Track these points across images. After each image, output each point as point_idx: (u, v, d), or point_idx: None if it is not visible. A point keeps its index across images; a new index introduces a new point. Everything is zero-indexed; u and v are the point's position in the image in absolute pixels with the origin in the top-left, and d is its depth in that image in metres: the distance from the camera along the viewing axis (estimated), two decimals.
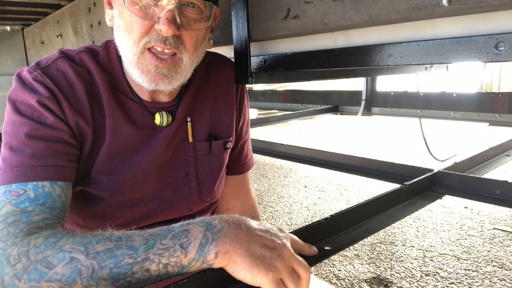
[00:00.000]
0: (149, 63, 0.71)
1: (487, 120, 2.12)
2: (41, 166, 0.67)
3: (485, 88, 9.28)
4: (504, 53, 0.59)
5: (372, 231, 0.88)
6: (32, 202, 0.64)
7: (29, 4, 2.29)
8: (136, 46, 0.71)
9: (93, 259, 0.56)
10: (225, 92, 0.93)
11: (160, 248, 0.57)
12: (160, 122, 0.82)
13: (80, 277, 0.55)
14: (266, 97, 3.40)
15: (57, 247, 0.57)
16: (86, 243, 0.58)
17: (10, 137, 0.68)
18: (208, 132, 0.90)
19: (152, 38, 0.70)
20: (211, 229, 0.59)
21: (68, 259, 0.56)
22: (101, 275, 0.56)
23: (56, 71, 0.73)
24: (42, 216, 0.64)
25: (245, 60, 0.91)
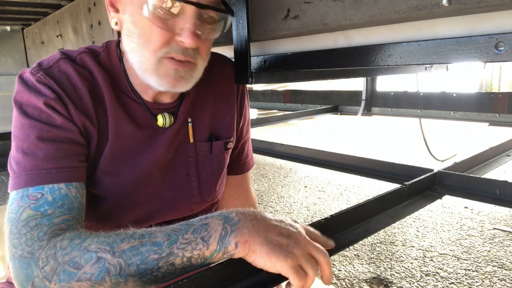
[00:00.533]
0: (168, 68, 0.71)
1: (487, 120, 2.12)
2: (55, 168, 0.68)
3: (485, 88, 9.28)
4: (504, 53, 0.59)
5: (372, 231, 0.88)
6: (51, 205, 0.66)
7: (29, 4, 2.29)
8: (154, 55, 0.70)
9: (119, 257, 0.58)
10: (225, 92, 0.93)
11: (182, 243, 0.59)
12: (163, 123, 0.82)
13: (108, 275, 0.58)
14: (266, 97, 3.40)
15: (83, 247, 0.59)
16: (111, 242, 0.60)
17: (21, 141, 0.68)
18: (209, 132, 0.90)
19: (172, 49, 0.70)
20: (229, 222, 0.61)
21: (95, 259, 0.58)
22: (128, 272, 0.58)
23: (58, 72, 0.73)
24: (63, 218, 0.66)
25: (245, 60, 0.91)
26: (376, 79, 2.61)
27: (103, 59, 0.80)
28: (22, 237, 0.62)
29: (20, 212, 0.64)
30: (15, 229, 0.63)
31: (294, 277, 0.59)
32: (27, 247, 0.61)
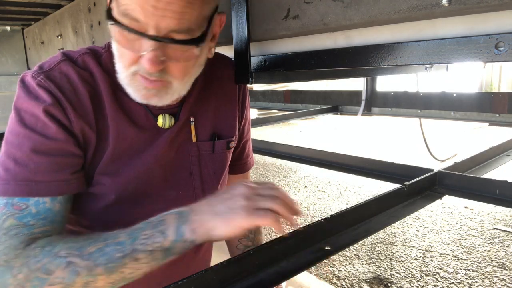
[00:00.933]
0: (139, 84, 0.71)
1: (487, 120, 2.12)
2: (44, 181, 0.69)
3: (485, 88, 9.28)
4: (504, 53, 0.59)
5: (372, 231, 0.88)
6: (34, 217, 0.68)
7: (29, 4, 2.29)
8: (126, 70, 0.71)
9: (88, 259, 0.62)
10: (227, 92, 0.93)
11: (143, 238, 0.63)
12: (163, 124, 0.82)
13: (78, 276, 0.62)
14: (266, 97, 3.40)
15: (53, 254, 0.63)
16: (79, 247, 0.64)
17: (14, 148, 0.68)
18: (211, 131, 0.90)
19: (140, 68, 0.68)
20: (181, 214, 0.66)
21: (65, 263, 0.62)
22: (97, 272, 0.62)
23: (59, 75, 0.73)
24: (42, 229, 0.69)
25: (245, 60, 0.91)
26: (376, 79, 2.61)
27: (105, 60, 0.79)
28: (1, 245, 0.65)
29: (3, 220, 0.66)
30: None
31: (258, 220, 0.62)
32: (3, 256, 0.64)
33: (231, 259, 0.67)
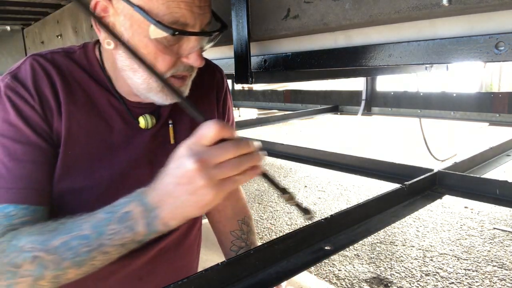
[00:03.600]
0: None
1: (487, 120, 2.11)
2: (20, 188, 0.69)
3: (485, 88, 9.28)
4: (504, 53, 0.59)
5: (372, 231, 0.88)
6: (17, 206, 0.68)
7: (29, 4, 2.29)
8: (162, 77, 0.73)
9: (54, 253, 0.62)
10: (206, 95, 0.94)
11: (110, 233, 0.61)
12: (146, 125, 0.82)
13: (46, 270, 0.62)
14: (266, 97, 3.40)
15: (19, 248, 0.63)
16: (44, 241, 0.63)
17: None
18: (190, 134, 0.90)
19: (179, 68, 0.73)
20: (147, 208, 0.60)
21: (30, 258, 0.62)
22: (65, 266, 0.62)
23: (25, 72, 0.73)
24: (23, 219, 0.69)
25: (245, 60, 0.91)
26: (376, 79, 2.60)
27: (78, 56, 0.80)
28: None
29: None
30: None
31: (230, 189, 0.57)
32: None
33: (231, 259, 0.67)
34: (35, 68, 0.74)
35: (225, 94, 0.99)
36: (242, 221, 1.12)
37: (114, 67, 0.78)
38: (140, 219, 0.60)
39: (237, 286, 0.66)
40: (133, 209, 0.61)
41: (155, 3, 0.65)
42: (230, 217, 1.11)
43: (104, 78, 0.80)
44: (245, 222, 1.12)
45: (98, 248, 0.62)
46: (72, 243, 0.62)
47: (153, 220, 0.60)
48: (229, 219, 1.11)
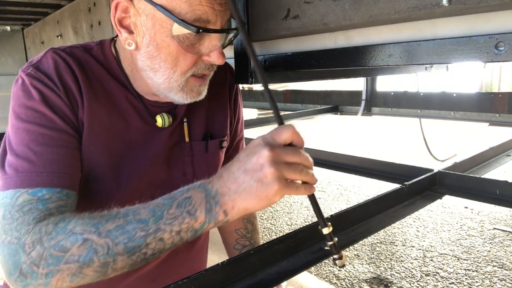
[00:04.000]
0: (193, 85, 0.76)
1: (487, 120, 2.11)
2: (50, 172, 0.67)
3: (485, 88, 9.27)
4: (504, 53, 0.59)
5: (372, 231, 0.88)
6: (49, 191, 0.65)
7: (29, 4, 2.29)
8: (183, 76, 0.74)
9: (106, 237, 0.58)
10: (219, 93, 0.95)
11: (168, 218, 0.59)
12: (162, 123, 0.83)
13: (96, 255, 0.58)
14: (266, 97, 3.39)
15: (68, 230, 0.59)
16: (96, 223, 0.60)
17: (16, 145, 0.68)
18: (204, 131, 0.91)
19: (201, 67, 0.74)
20: (209, 194, 0.60)
21: (81, 240, 0.58)
22: (116, 251, 0.58)
23: (47, 64, 0.73)
24: (58, 203, 0.66)
25: (245, 60, 0.91)
26: (376, 79, 2.60)
27: (96, 52, 0.80)
28: (13, 222, 0.62)
29: (16, 197, 0.64)
30: (8, 214, 0.63)
31: (291, 192, 0.58)
32: (15, 233, 0.61)
33: (231, 259, 0.67)
34: (56, 60, 0.74)
35: (236, 92, 1.00)
36: (247, 220, 1.12)
37: (132, 66, 0.78)
38: (200, 204, 0.59)
39: (237, 286, 0.66)
40: (194, 194, 0.60)
41: (177, 1, 0.66)
42: None
43: (122, 75, 0.80)
44: (250, 221, 1.13)
45: (155, 233, 0.58)
46: (128, 227, 0.59)
47: (214, 207, 0.59)
48: None
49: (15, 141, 0.68)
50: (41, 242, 0.59)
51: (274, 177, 0.55)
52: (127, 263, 0.60)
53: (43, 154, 0.68)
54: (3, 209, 0.64)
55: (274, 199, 0.57)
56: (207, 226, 0.60)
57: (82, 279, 0.60)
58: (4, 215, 0.63)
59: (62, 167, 0.69)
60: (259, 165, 0.56)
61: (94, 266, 0.58)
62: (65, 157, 0.70)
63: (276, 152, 0.57)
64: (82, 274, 0.59)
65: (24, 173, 0.66)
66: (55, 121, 0.70)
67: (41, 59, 0.74)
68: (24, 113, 0.69)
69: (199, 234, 0.61)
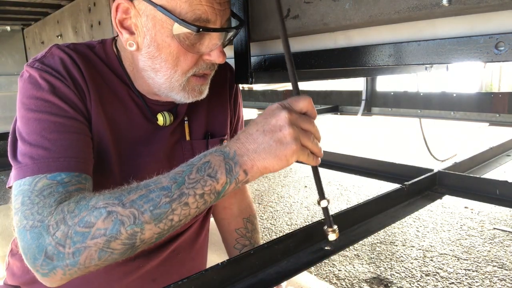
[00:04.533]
0: (195, 85, 0.77)
1: (487, 120, 2.11)
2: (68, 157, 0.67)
3: (485, 88, 9.28)
4: (504, 53, 0.59)
5: (372, 231, 0.88)
6: (68, 175, 0.65)
7: (29, 4, 2.29)
8: (184, 76, 0.74)
9: (131, 207, 0.58)
10: (219, 92, 0.95)
11: (190, 183, 0.59)
12: (164, 122, 0.83)
13: (123, 226, 0.57)
14: (266, 97, 3.40)
15: (90, 206, 0.59)
16: (118, 196, 0.59)
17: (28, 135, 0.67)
18: (205, 130, 0.92)
19: (202, 67, 0.75)
20: (227, 156, 0.61)
21: (105, 213, 0.57)
22: (143, 220, 0.57)
23: (53, 58, 0.74)
24: (78, 186, 0.65)
25: (245, 60, 0.91)
26: (376, 79, 2.60)
27: (98, 51, 0.80)
28: (34, 206, 0.61)
29: (34, 183, 0.63)
30: (28, 199, 0.62)
31: (303, 157, 0.61)
32: (38, 215, 0.60)
33: (231, 259, 0.67)
34: (61, 55, 0.74)
35: (236, 91, 1.00)
36: (247, 219, 1.12)
37: (133, 66, 0.79)
38: (220, 166, 0.60)
39: (237, 286, 0.66)
40: (212, 158, 0.61)
41: (177, 1, 0.66)
42: (235, 215, 1.11)
43: (123, 74, 0.81)
44: (250, 220, 1.13)
45: (179, 198, 0.59)
46: (151, 195, 0.58)
47: (234, 167, 0.60)
48: (234, 217, 1.11)
49: (26, 131, 0.67)
50: (64, 221, 0.58)
51: (292, 138, 0.59)
52: (155, 232, 0.59)
53: (57, 140, 0.67)
54: (22, 196, 0.63)
55: (291, 160, 0.60)
56: (228, 187, 0.61)
57: (111, 254, 0.58)
58: (23, 201, 0.62)
59: (77, 152, 0.69)
60: (278, 126, 0.59)
61: (122, 238, 0.57)
62: (79, 143, 0.70)
63: (294, 115, 0.60)
64: (110, 248, 0.58)
65: (41, 160, 0.65)
66: (66, 109, 0.70)
67: (46, 55, 0.75)
68: (34, 104, 0.69)
69: (221, 196, 0.62)
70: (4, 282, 0.96)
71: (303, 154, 0.61)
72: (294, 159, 0.60)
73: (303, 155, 0.61)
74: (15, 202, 0.63)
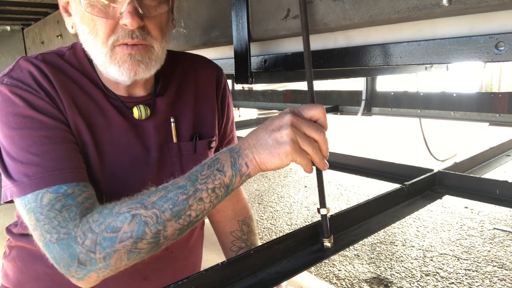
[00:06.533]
0: (122, 55, 0.72)
1: (487, 120, 2.11)
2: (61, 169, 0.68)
3: (485, 88, 9.27)
4: (504, 53, 0.59)
5: (372, 231, 0.88)
6: (69, 185, 0.67)
7: (29, 4, 2.28)
8: (105, 46, 0.71)
9: (152, 208, 0.63)
10: (206, 93, 0.94)
11: (202, 178, 0.65)
12: (139, 115, 0.81)
13: (147, 226, 0.62)
14: (266, 97, 3.40)
15: (114, 213, 0.63)
16: (140, 200, 0.64)
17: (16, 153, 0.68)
18: (192, 132, 0.90)
19: (119, 35, 0.70)
20: (233, 151, 0.66)
21: (130, 217, 0.62)
22: (165, 218, 0.63)
23: (21, 72, 0.73)
24: (84, 196, 0.68)
25: (245, 60, 0.91)
26: (376, 79, 2.60)
27: (68, 57, 0.80)
28: (53, 221, 0.64)
29: (40, 199, 0.65)
30: (41, 215, 0.65)
31: (299, 160, 0.64)
32: (62, 229, 0.63)
33: (231, 259, 0.67)
34: (29, 67, 0.74)
35: (223, 91, 0.99)
36: (243, 221, 1.12)
37: None
38: (226, 160, 0.65)
39: (237, 286, 0.66)
40: (220, 155, 0.66)
41: None
42: (230, 218, 1.11)
43: (96, 76, 0.80)
44: (245, 222, 1.12)
45: (194, 194, 0.64)
46: (169, 195, 0.64)
47: (237, 159, 0.65)
48: (229, 219, 1.11)
49: (13, 150, 0.68)
50: (91, 230, 0.62)
51: (289, 138, 0.62)
52: (176, 228, 0.64)
53: (46, 154, 0.68)
54: (33, 213, 0.66)
55: (285, 159, 0.63)
56: (234, 180, 0.65)
57: (138, 254, 0.64)
58: (37, 217, 0.65)
59: (68, 162, 0.70)
60: (279, 127, 0.63)
61: (147, 238, 0.63)
62: (67, 152, 0.71)
63: (298, 120, 0.64)
64: (138, 249, 0.63)
65: (36, 176, 0.66)
66: (45, 121, 0.70)
67: (14, 68, 0.74)
68: (14, 121, 0.69)
69: (231, 190, 0.66)
70: (2, 284, 0.97)
71: (300, 158, 0.63)
72: (289, 159, 0.63)
73: (301, 159, 0.64)
74: (29, 220, 0.66)
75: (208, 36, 1.07)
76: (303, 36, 0.72)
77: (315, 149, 0.65)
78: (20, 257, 0.91)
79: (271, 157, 0.63)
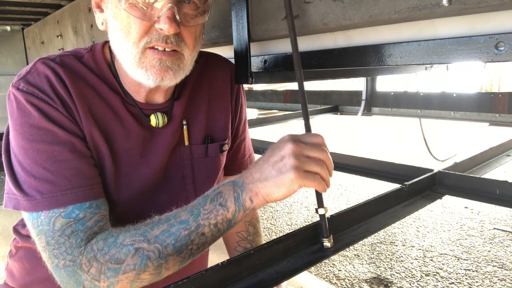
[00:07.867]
0: (152, 58, 0.71)
1: (487, 120, 2.11)
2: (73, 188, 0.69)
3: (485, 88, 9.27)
4: (504, 53, 0.59)
5: (372, 231, 0.88)
6: (81, 208, 0.68)
7: (29, 4, 2.29)
8: (136, 47, 0.70)
9: (155, 243, 0.64)
10: (220, 93, 0.93)
11: (205, 214, 0.65)
12: (156, 123, 0.81)
13: (150, 261, 0.64)
14: (266, 97, 3.39)
15: (118, 244, 0.65)
16: (143, 232, 0.65)
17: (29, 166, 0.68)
18: (204, 135, 0.89)
19: (153, 38, 0.69)
20: (237, 185, 0.66)
21: (133, 250, 0.64)
22: (167, 253, 0.64)
23: (38, 77, 0.71)
24: (94, 219, 0.69)
25: (245, 60, 0.91)
26: (376, 79, 2.60)
27: (87, 60, 0.78)
28: (61, 246, 0.66)
29: (52, 223, 0.67)
30: (52, 240, 0.66)
31: (307, 183, 0.63)
32: (68, 256, 0.65)
33: (231, 259, 0.67)
34: (47, 72, 0.72)
35: (238, 91, 0.98)
36: (249, 222, 1.12)
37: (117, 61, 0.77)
38: (229, 195, 0.65)
39: (237, 286, 0.66)
40: (223, 189, 0.66)
41: None
42: None
43: (115, 81, 0.79)
44: (252, 223, 1.12)
45: (196, 229, 0.65)
46: (172, 229, 0.65)
47: (241, 194, 0.65)
48: None
49: (27, 162, 0.68)
50: (96, 259, 0.64)
51: (292, 167, 0.62)
52: (177, 261, 0.66)
53: (60, 171, 0.68)
54: (45, 236, 0.67)
55: (291, 187, 0.63)
56: (237, 214, 0.65)
57: (141, 282, 0.66)
58: (48, 241, 0.67)
59: (82, 180, 0.70)
60: (281, 157, 0.64)
61: (150, 270, 0.64)
62: (81, 168, 0.71)
63: (298, 146, 0.64)
64: (140, 279, 0.65)
65: (48, 194, 0.67)
66: (60, 135, 0.70)
67: (31, 71, 0.72)
68: (28, 132, 0.68)
69: (233, 223, 0.66)
70: (4, 282, 0.96)
71: (307, 181, 0.63)
72: (295, 186, 0.63)
73: (308, 182, 0.63)
74: (39, 240, 0.68)
75: (208, 36, 1.07)
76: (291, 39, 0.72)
77: (322, 167, 0.65)
78: (28, 258, 0.91)
79: (278, 188, 0.63)
